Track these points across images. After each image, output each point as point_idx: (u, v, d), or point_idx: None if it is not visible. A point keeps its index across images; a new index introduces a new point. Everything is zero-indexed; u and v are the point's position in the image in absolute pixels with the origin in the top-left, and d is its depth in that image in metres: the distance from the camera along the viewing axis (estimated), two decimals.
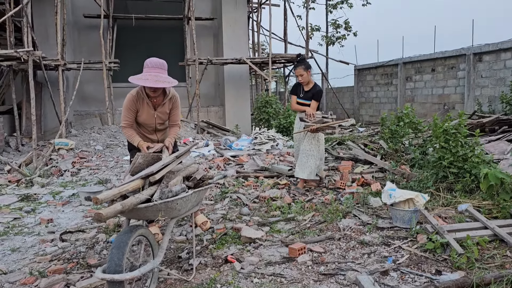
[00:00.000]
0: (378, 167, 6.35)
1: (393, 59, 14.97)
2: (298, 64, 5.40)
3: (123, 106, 3.64)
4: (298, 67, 5.37)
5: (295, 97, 5.54)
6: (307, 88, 5.45)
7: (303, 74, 5.33)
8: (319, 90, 5.45)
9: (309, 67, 5.39)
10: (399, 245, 3.50)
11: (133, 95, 3.63)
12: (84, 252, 3.65)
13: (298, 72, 5.36)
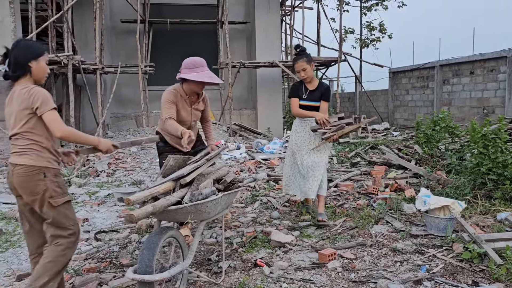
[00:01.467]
0: (413, 172, 6.18)
1: (430, 62, 14.55)
2: (299, 57, 4.33)
3: (164, 101, 3.65)
4: (299, 60, 4.29)
5: (296, 99, 4.43)
6: (311, 87, 4.41)
7: (306, 68, 4.27)
8: (328, 87, 4.44)
9: (311, 60, 4.36)
10: (434, 254, 3.39)
11: (172, 92, 3.72)
12: (117, 252, 3.75)
13: (300, 65, 4.28)
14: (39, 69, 2.55)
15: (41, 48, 2.60)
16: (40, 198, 2.45)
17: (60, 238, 2.53)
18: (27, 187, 2.44)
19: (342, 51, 12.86)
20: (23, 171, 2.43)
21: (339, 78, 12.97)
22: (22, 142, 2.46)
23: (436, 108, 13.71)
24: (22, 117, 2.45)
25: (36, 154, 2.46)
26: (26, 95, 2.44)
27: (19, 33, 8.39)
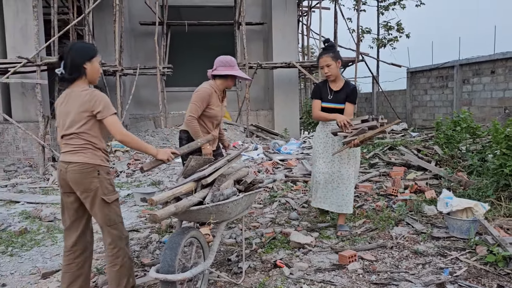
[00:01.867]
0: (433, 173, 6.10)
1: (449, 61, 14.32)
2: (324, 51, 3.94)
3: (199, 97, 3.75)
4: (324, 54, 3.91)
5: (318, 101, 4.04)
6: (336, 87, 4.00)
7: (330, 64, 3.87)
8: (354, 88, 4.01)
9: (339, 57, 3.94)
10: (456, 257, 3.34)
11: (209, 89, 3.83)
12: (138, 251, 3.80)
13: (324, 61, 3.90)
14: (93, 70, 2.66)
15: (93, 49, 2.70)
16: (93, 195, 2.56)
17: (114, 239, 2.65)
18: (82, 184, 2.55)
19: (359, 51, 12.76)
20: (78, 168, 2.53)
21: (356, 78, 12.87)
22: (78, 142, 2.57)
23: (455, 108, 13.49)
24: (81, 119, 2.56)
25: (90, 153, 2.57)
26: (87, 98, 2.55)
27: (42, 36, 8.58)
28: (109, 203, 2.62)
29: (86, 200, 2.59)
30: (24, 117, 8.66)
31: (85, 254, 2.77)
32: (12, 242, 4.13)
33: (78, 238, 2.72)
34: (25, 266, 3.56)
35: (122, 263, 2.68)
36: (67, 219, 2.70)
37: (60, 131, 2.65)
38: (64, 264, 2.73)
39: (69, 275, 2.71)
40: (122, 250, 2.69)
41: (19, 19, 8.57)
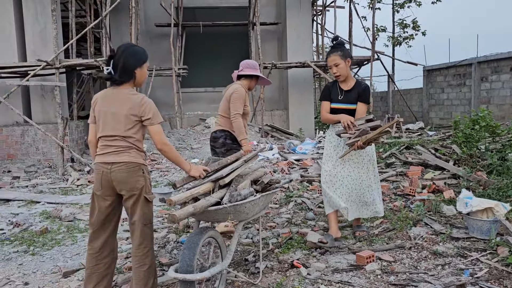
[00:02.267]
0: (451, 173, 6.01)
1: (467, 59, 14.09)
2: (333, 50, 3.72)
3: (239, 96, 4.08)
4: (332, 53, 3.69)
5: (327, 103, 3.84)
6: (346, 87, 3.78)
7: (338, 63, 3.66)
8: (366, 87, 3.77)
9: (348, 55, 3.73)
10: (477, 258, 3.29)
11: (242, 88, 4.19)
12: (156, 251, 3.83)
13: (332, 60, 3.69)
14: (142, 75, 2.72)
15: (145, 54, 2.75)
16: (138, 194, 2.62)
17: (146, 239, 2.68)
18: (129, 183, 2.60)
19: (374, 50, 12.65)
20: (125, 168, 2.59)
21: (371, 77, 12.76)
22: (122, 144, 2.61)
23: (473, 107, 13.27)
24: (129, 122, 2.61)
25: (135, 153, 2.63)
26: (138, 102, 2.60)
27: (60, 39, 8.74)
28: (149, 201, 2.69)
29: (130, 199, 2.63)
30: (44, 119, 8.83)
31: (112, 255, 2.81)
32: (33, 241, 4.22)
33: (107, 240, 2.75)
34: (46, 265, 3.63)
35: (151, 263, 2.71)
36: (97, 222, 2.71)
37: (101, 131, 2.65)
38: (90, 265, 2.75)
39: (97, 276, 2.74)
40: (151, 250, 2.72)
41: (38, 23, 8.74)
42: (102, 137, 2.66)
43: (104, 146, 2.64)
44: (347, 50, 3.77)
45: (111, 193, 2.65)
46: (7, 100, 8.01)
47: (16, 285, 3.26)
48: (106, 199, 2.67)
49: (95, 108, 2.70)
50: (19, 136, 8.54)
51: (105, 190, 2.65)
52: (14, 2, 8.68)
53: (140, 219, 2.65)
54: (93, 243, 2.75)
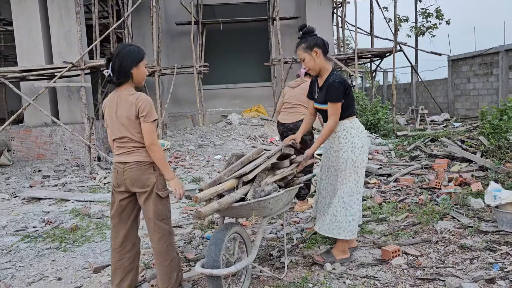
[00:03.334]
0: (478, 165, 5.88)
1: (493, 47, 13.68)
2: (298, 42, 3.31)
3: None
4: (297, 46, 3.30)
5: (311, 102, 3.48)
6: (321, 82, 3.33)
7: (303, 57, 3.26)
8: (333, 82, 3.16)
9: (314, 45, 3.21)
10: (507, 251, 3.22)
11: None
12: (182, 247, 3.91)
13: (298, 55, 3.32)
14: (139, 74, 2.78)
15: (140, 53, 2.78)
16: (150, 190, 2.71)
17: (164, 234, 2.77)
18: (141, 180, 2.70)
19: (396, 41, 12.42)
20: (137, 166, 2.69)
21: (394, 69, 12.55)
22: (132, 144, 2.71)
23: (502, 96, 12.89)
24: (131, 122, 2.69)
25: (145, 151, 2.72)
26: (134, 101, 2.68)
27: (85, 41, 8.94)
28: (162, 198, 2.76)
29: (142, 196, 2.73)
30: (71, 119, 9.06)
31: (135, 249, 2.92)
32: (65, 238, 4.36)
33: (127, 234, 2.86)
34: (77, 261, 3.75)
35: (172, 257, 2.80)
36: (116, 215, 2.84)
37: (112, 134, 2.77)
38: (115, 260, 2.86)
39: (121, 270, 2.85)
40: (171, 245, 2.81)
41: (63, 25, 8.96)
42: (115, 140, 2.77)
43: (118, 147, 2.76)
44: (315, 39, 3.25)
45: (127, 189, 2.76)
46: (35, 102, 8.26)
47: (50, 280, 3.38)
48: (123, 193, 2.79)
49: (105, 113, 2.81)
50: (47, 137, 8.80)
51: (121, 187, 2.77)
52: (40, 6, 8.92)
53: (155, 215, 2.74)
54: (115, 238, 2.86)
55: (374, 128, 10.36)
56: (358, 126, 3.29)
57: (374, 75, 15.56)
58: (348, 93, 3.22)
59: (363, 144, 3.24)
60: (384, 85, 21.31)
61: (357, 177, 3.21)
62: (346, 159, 3.20)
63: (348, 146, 3.22)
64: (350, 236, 3.19)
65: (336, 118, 3.18)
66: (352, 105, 3.28)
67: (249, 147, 9.08)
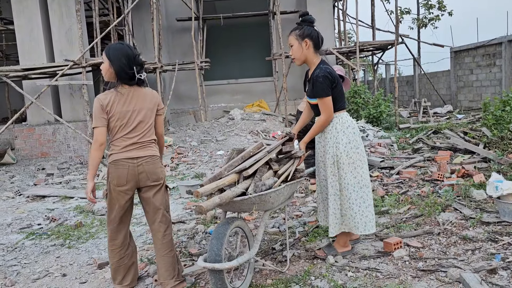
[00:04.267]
0: (481, 156, 5.86)
1: (496, 38, 13.60)
2: (294, 28, 3.20)
3: None
4: (292, 31, 3.20)
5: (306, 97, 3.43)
6: (310, 76, 3.25)
7: (292, 44, 3.17)
8: (317, 76, 3.08)
9: (307, 35, 3.12)
10: (509, 242, 3.22)
11: None
12: (185, 242, 3.93)
13: (289, 40, 3.20)
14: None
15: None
16: (162, 182, 2.84)
17: (169, 225, 2.88)
18: (155, 173, 2.79)
19: (398, 33, 12.36)
20: (151, 160, 2.79)
21: (396, 61, 12.50)
22: (146, 138, 2.80)
23: (505, 87, 12.82)
24: (152, 116, 2.84)
25: (154, 146, 2.86)
26: (154, 95, 2.88)
27: (85, 38, 8.95)
28: (169, 189, 2.93)
29: (154, 188, 2.81)
30: (73, 117, 9.10)
31: (132, 245, 2.98)
32: (69, 235, 4.39)
33: (126, 232, 2.91)
34: (82, 258, 3.79)
35: (174, 248, 2.90)
36: (118, 217, 2.82)
37: (126, 130, 2.72)
38: (115, 260, 2.87)
39: (123, 268, 2.89)
40: (172, 237, 2.91)
41: (64, 24, 8.97)
42: (125, 137, 2.73)
43: (128, 144, 2.72)
44: (310, 29, 3.15)
45: (133, 187, 2.78)
46: (38, 100, 8.30)
47: (55, 276, 3.42)
48: (127, 193, 2.78)
49: (110, 111, 2.70)
50: (51, 135, 8.84)
51: (129, 184, 2.75)
52: (40, 5, 8.93)
53: (164, 206, 2.85)
54: (114, 239, 2.86)
55: (377, 121, 10.34)
56: (345, 121, 3.18)
57: (376, 68, 15.50)
58: (335, 87, 3.12)
59: (350, 140, 3.14)
60: (386, 77, 21.24)
61: (344, 173, 3.13)
62: (331, 154, 3.16)
63: (333, 141, 3.15)
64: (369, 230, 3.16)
65: (328, 113, 3.10)
66: (340, 99, 3.19)
67: (251, 142, 9.10)
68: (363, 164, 3.19)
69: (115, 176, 2.73)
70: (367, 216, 3.16)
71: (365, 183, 3.19)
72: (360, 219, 3.15)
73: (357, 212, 3.15)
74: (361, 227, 3.15)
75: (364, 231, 3.16)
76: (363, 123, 9.47)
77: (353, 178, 3.14)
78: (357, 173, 3.16)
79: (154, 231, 2.86)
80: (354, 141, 3.16)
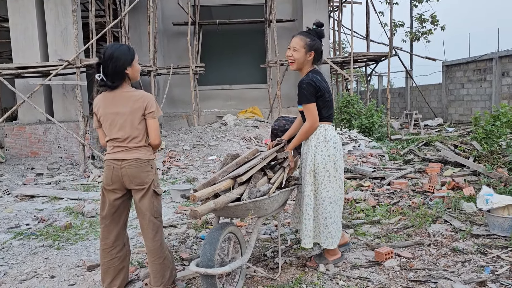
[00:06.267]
0: (471, 170, 5.94)
1: (487, 53, 13.84)
2: (305, 34, 3.17)
3: None
4: (302, 35, 3.16)
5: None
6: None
7: (297, 49, 3.12)
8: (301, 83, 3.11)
9: (316, 49, 3.13)
10: (498, 255, 3.27)
11: None
12: (176, 246, 3.91)
13: (296, 42, 3.14)
14: (134, 72, 2.78)
15: (131, 52, 2.76)
16: (148, 187, 2.74)
17: (158, 231, 2.80)
18: (139, 177, 2.72)
19: (392, 45, 12.51)
20: (136, 163, 2.71)
21: (389, 73, 12.64)
22: (131, 142, 2.73)
23: (494, 102, 13.03)
24: (135, 119, 2.71)
25: (144, 149, 2.76)
26: (140, 97, 2.72)
27: (81, 39, 8.91)
28: (158, 194, 2.81)
29: (139, 192, 2.74)
30: (65, 117, 9.03)
31: (125, 248, 2.94)
32: (58, 236, 4.34)
33: (118, 234, 2.88)
34: (71, 259, 3.74)
35: (165, 255, 2.83)
36: (109, 215, 2.83)
37: (108, 134, 2.77)
38: (106, 260, 2.87)
39: (113, 270, 2.87)
40: (163, 243, 2.84)
41: (59, 23, 8.93)
42: (112, 139, 2.76)
43: (114, 146, 2.75)
44: (319, 44, 3.17)
45: (120, 187, 2.77)
46: (30, 99, 8.22)
47: (43, 278, 3.37)
48: (116, 192, 2.79)
49: (97, 113, 2.78)
50: (42, 134, 8.76)
51: (115, 184, 2.77)
52: (36, 4, 8.88)
53: (151, 212, 2.77)
54: (106, 238, 2.85)
55: (369, 131, 10.42)
56: (328, 133, 3.15)
57: (369, 79, 15.65)
58: (321, 96, 3.09)
59: (330, 154, 3.10)
60: (379, 89, 21.44)
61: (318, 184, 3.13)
62: (309, 163, 3.13)
63: (313, 150, 3.14)
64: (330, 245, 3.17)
65: (312, 120, 3.07)
66: (325, 110, 3.15)
67: (244, 148, 9.10)
68: (337, 180, 3.17)
69: (103, 175, 2.83)
70: (330, 231, 3.16)
71: (335, 199, 3.17)
72: (322, 232, 3.17)
73: (321, 225, 3.17)
74: (322, 240, 3.19)
75: (324, 245, 3.18)
76: (355, 133, 9.53)
77: (326, 192, 3.14)
78: (331, 188, 3.15)
79: (143, 236, 2.85)
80: (333, 155, 3.14)
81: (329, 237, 3.16)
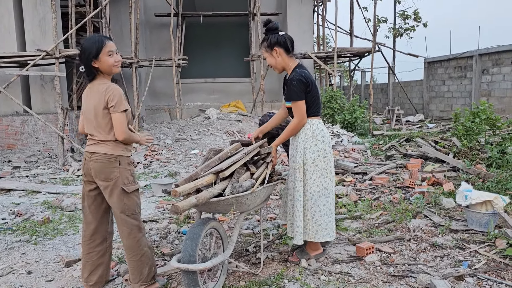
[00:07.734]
0: (451, 166, 6.04)
1: (468, 51, 14.06)
2: (262, 40, 3.25)
3: None
4: (261, 45, 3.28)
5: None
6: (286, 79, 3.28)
7: (265, 56, 3.23)
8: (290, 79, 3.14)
9: (274, 44, 3.14)
10: (475, 250, 3.33)
11: None
12: (157, 241, 3.87)
13: (262, 54, 3.28)
14: (103, 65, 2.67)
15: (97, 45, 2.62)
16: (113, 184, 2.66)
17: (133, 229, 2.73)
18: (103, 173, 2.65)
19: (375, 41, 12.59)
20: (102, 158, 2.64)
21: (372, 69, 12.73)
22: (101, 136, 2.67)
23: (474, 99, 13.28)
24: (102, 114, 2.64)
25: (112, 144, 2.67)
26: (103, 91, 2.63)
27: (60, 29, 8.68)
28: (128, 193, 2.70)
29: (106, 189, 2.69)
30: (44, 109, 8.81)
31: (105, 244, 2.89)
32: (35, 231, 4.24)
33: (97, 227, 2.83)
34: (49, 255, 3.66)
35: (143, 252, 2.76)
36: (86, 207, 2.81)
37: (87, 125, 2.76)
38: (84, 253, 2.84)
39: (90, 264, 2.82)
40: (141, 240, 2.77)
41: (37, 12, 8.68)
42: (88, 129, 2.76)
43: (89, 139, 2.75)
44: (276, 37, 3.15)
45: (93, 179, 2.73)
46: (6, 90, 7.99)
47: (19, 274, 3.29)
48: (89, 184, 2.76)
49: (82, 105, 2.81)
50: (19, 126, 8.54)
51: (87, 176, 2.75)
52: None
53: (121, 210, 2.70)
54: (85, 230, 2.84)
55: (351, 126, 10.49)
56: (316, 128, 3.16)
57: (352, 75, 15.74)
58: (309, 92, 3.11)
59: (318, 148, 3.13)
60: (361, 84, 21.60)
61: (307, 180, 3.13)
62: (298, 159, 3.14)
63: (302, 146, 3.14)
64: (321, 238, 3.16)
65: (300, 117, 3.08)
66: (314, 105, 3.16)
67: (226, 142, 9.05)
68: (327, 173, 3.18)
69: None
70: (320, 224, 3.15)
71: (325, 192, 3.17)
72: (312, 226, 3.16)
73: (310, 219, 3.15)
74: (312, 234, 3.16)
75: (314, 238, 3.16)
76: (338, 128, 9.59)
77: (315, 187, 3.14)
78: (320, 182, 3.15)
79: (119, 232, 2.79)
80: (323, 149, 3.15)
81: (319, 230, 3.15)
